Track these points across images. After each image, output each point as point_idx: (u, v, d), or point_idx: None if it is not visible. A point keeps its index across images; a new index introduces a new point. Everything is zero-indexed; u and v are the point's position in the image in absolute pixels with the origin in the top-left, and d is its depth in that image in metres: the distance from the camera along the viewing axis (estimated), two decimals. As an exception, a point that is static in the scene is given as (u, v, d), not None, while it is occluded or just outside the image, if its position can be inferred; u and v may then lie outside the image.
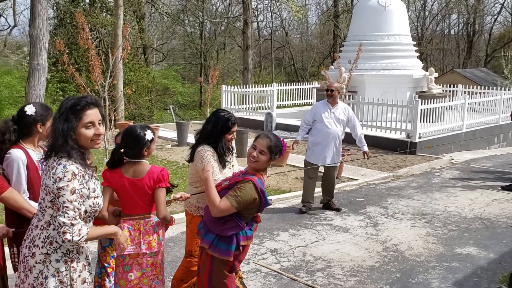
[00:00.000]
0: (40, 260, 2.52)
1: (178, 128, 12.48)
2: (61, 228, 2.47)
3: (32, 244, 2.55)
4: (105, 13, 23.09)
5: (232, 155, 4.02)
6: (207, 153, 3.65)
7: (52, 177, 2.47)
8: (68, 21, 21.84)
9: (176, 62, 39.93)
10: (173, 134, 13.13)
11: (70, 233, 2.47)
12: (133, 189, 3.16)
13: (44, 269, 2.51)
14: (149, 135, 3.19)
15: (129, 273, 3.20)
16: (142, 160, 3.21)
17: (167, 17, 31.26)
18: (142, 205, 3.19)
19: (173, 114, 16.84)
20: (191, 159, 3.79)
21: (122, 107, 17.02)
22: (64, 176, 2.45)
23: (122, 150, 3.17)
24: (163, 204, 3.19)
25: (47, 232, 2.54)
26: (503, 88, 16.12)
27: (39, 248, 2.53)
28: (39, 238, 2.54)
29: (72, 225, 2.47)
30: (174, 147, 11.98)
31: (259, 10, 37.01)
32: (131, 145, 3.16)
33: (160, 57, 37.08)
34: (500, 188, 8.49)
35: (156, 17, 34.28)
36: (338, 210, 7.02)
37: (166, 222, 3.32)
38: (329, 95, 6.78)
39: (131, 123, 15.08)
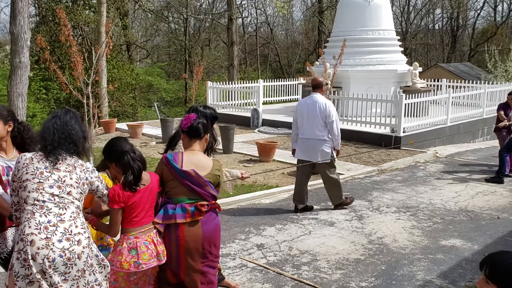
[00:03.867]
0: (86, 244, 2.74)
1: (163, 125, 12.40)
2: (107, 196, 3.03)
3: (70, 234, 2.69)
4: (88, 10, 22.81)
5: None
6: None
7: (87, 171, 2.90)
8: (50, 18, 21.53)
9: (160, 59, 39.65)
10: (158, 131, 13.04)
11: None
12: (147, 198, 3.17)
13: (89, 252, 2.76)
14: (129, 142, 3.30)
15: (135, 283, 3.21)
16: None
17: (151, 14, 31.01)
18: (151, 214, 3.22)
19: (157, 111, 16.73)
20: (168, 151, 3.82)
21: (105, 105, 16.87)
22: (93, 167, 2.98)
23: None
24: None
25: (80, 220, 2.79)
26: (487, 82, 16.30)
27: (83, 234, 2.74)
28: (76, 226, 2.73)
29: None
30: (159, 144, 11.90)
31: (243, 6, 36.93)
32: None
33: (144, 54, 36.78)
34: (484, 181, 8.58)
35: (139, 14, 34.00)
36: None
37: None
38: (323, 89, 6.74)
39: (115, 121, 14.95)
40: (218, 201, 3.50)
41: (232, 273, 4.72)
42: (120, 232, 3.17)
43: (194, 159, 3.33)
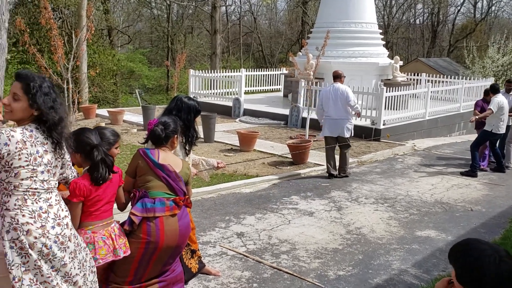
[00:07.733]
0: (71, 225, 2.78)
1: (144, 112, 12.32)
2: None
3: (60, 218, 2.66)
4: (68, -7, 22.33)
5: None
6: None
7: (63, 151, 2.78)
8: (29, 0, 21.05)
9: (142, 45, 39.17)
10: (139, 119, 12.95)
11: None
12: (109, 192, 3.10)
13: (74, 232, 2.80)
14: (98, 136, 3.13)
15: None
16: None
17: (133, -1, 30.56)
18: (111, 208, 3.16)
19: (139, 98, 16.58)
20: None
21: (86, 90, 16.64)
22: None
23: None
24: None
25: (63, 202, 2.78)
26: (464, 77, 16.60)
27: (67, 216, 2.75)
28: (62, 210, 2.72)
29: None
30: (140, 131, 11.82)
31: (227, -6, 36.60)
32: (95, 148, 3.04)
33: (125, 39, 36.27)
34: (459, 174, 8.79)
35: (122, -2, 33.47)
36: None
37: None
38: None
39: (95, 107, 14.78)
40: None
41: (212, 260, 4.76)
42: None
43: (167, 157, 3.40)
